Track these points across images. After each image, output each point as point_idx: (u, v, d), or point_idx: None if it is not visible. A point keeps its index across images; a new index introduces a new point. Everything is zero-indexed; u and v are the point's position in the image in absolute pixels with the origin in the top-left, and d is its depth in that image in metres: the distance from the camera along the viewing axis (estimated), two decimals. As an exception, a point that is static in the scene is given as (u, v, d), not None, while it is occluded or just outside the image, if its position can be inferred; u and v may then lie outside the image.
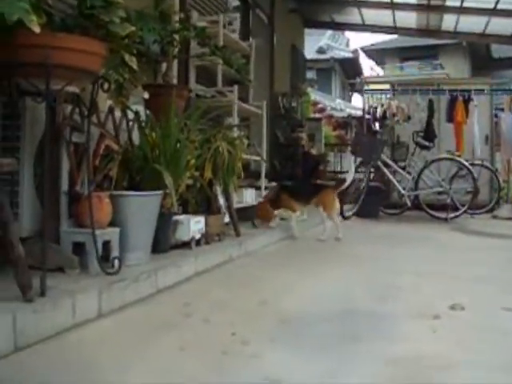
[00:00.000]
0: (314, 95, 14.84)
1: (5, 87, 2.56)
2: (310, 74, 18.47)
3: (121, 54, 2.73)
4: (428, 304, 2.93)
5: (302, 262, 4.38)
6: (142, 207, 3.15)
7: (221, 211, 4.67)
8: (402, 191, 7.86)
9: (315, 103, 14.33)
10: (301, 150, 8.84)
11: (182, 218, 3.84)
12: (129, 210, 3.07)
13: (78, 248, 2.83)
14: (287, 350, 2.17)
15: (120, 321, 2.49)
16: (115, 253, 2.93)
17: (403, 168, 8.20)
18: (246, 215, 5.96)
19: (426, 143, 8.04)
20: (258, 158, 6.17)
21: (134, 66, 2.80)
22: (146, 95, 4.25)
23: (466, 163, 7.67)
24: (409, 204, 7.89)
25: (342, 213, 7.91)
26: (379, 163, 7.94)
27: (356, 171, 8.25)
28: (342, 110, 17.80)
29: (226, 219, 4.86)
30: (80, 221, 2.85)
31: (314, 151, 9.46)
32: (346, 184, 6.08)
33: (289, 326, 2.49)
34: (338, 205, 5.86)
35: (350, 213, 8.06)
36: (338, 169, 12.36)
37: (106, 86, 2.75)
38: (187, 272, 3.44)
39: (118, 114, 3.54)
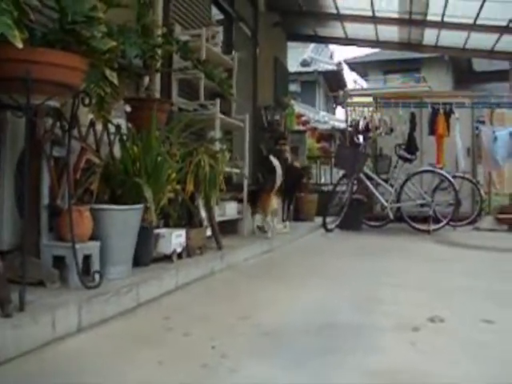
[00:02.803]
0: (298, 107, 14.91)
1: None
2: (294, 87, 18.64)
3: (102, 69, 2.74)
4: (408, 316, 2.96)
5: (282, 275, 4.40)
6: (123, 221, 3.16)
7: (203, 224, 4.68)
8: (385, 203, 7.93)
9: (299, 115, 14.39)
10: (284, 163, 8.86)
11: (163, 231, 3.85)
12: (110, 224, 3.07)
13: (59, 262, 2.83)
14: (265, 363, 2.18)
15: (100, 334, 2.49)
16: (96, 267, 2.93)
17: (386, 180, 8.27)
18: (228, 228, 5.99)
19: (408, 156, 8.12)
20: (240, 171, 6.19)
21: (115, 81, 2.82)
22: (128, 108, 4.28)
23: (448, 175, 7.75)
24: (391, 216, 7.96)
25: (324, 225, 7.97)
26: (361, 176, 8.00)
27: (338, 184, 8.34)
28: (325, 122, 17.88)
29: (208, 232, 4.87)
30: (61, 234, 2.85)
31: (297, 164, 9.49)
32: (277, 185, 6.39)
33: (268, 340, 2.50)
34: (273, 205, 6.27)
35: (333, 225, 8.11)
36: (322, 181, 12.41)
37: (87, 100, 2.76)
38: (168, 285, 3.45)
39: (99, 127, 3.56)
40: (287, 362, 2.20)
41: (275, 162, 6.48)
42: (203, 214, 4.77)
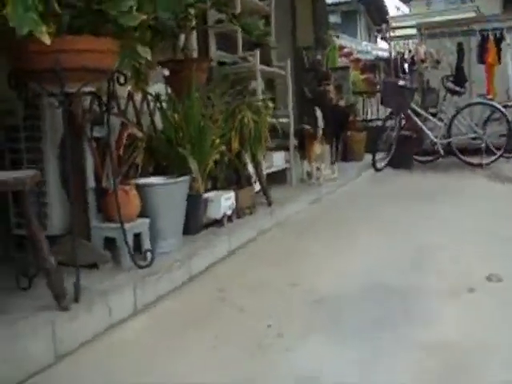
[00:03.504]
0: (340, 39, 14.47)
1: (22, 90, 2.56)
2: (334, 18, 18.03)
3: (134, 46, 2.66)
4: (464, 273, 2.89)
5: (331, 228, 4.34)
6: (171, 195, 3.14)
7: (251, 182, 4.64)
8: (434, 139, 7.70)
9: (341, 47, 13.99)
10: (329, 104, 8.68)
11: (211, 195, 3.82)
12: (157, 199, 3.07)
13: (110, 243, 2.85)
14: (321, 342, 2.17)
15: (155, 316, 2.52)
16: (147, 244, 2.95)
17: (434, 115, 8.02)
18: (276, 178, 5.93)
19: (457, 88, 7.80)
20: (285, 120, 6.09)
21: (149, 57, 2.74)
22: (166, 72, 4.21)
23: (499, 106, 7.43)
24: (441, 152, 7.73)
25: (374, 164, 7.83)
26: (409, 112, 7.76)
27: (386, 121, 8.13)
28: (368, 52, 17.36)
29: (257, 187, 4.83)
30: (109, 215, 2.86)
31: (342, 103, 9.27)
32: (319, 133, 6.17)
33: (322, 311, 2.49)
34: (316, 151, 6.12)
35: (383, 164, 7.96)
36: (369, 117, 12.11)
37: (122, 79, 2.71)
38: (220, 252, 3.46)
39: (138, 97, 3.52)
40: (341, 338, 2.19)
41: (318, 112, 6.33)
42: (251, 169, 4.72)
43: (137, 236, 2.92)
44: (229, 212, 3.93)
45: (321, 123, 6.20)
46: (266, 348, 2.13)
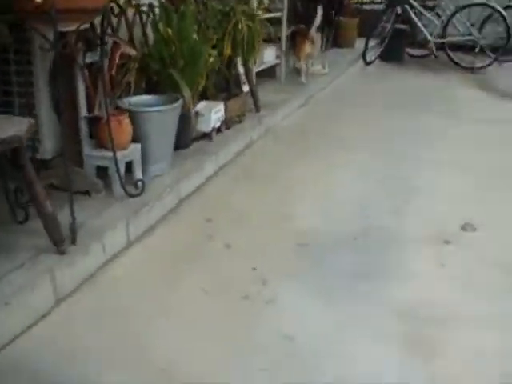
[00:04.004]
0: None
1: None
2: None
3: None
4: (441, 220, 3.03)
5: (319, 142, 4.39)
6: (164, 119, 3.15)
7: (241, 87, 4.60)
8: (429, 37, 7.55)
9: None
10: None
11: (201, 108, 3.81)
12: (150, 125, 3.08)
13: (102, 171, 2.91)
14: (302, 293, 2.33)
15: (146, 250, 2.65)
16: (138, 172, 3.01)
17: (432, 8, 7.80)
18: (265, 73, 5.86)
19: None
20: (278, 14, 5.90)
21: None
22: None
23: (499, 8, 7.21)
24: (434, 52, 7.60)
25: (364, 57, 7.72)
26: (406, 6, 7.52)
27: (384, 13, 7.89)
28: None
29: (246, 88, 4.78)
30: (101, 143, 2.88)
31: (337, -15, 8.90)
32: (314, 27, 6.06)
33: (306, 255, 2.63)
34: (307, 50, 6.00)
35: (373, 57, 7.85)
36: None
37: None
38: (208, 171, 3.55)
39: (130, 12, 3.40)
40: (321, 289, 2.34)
41: (319, 10, 6.12)
42: (241, 70, 4.65)
43: (128, 164, 2.97)
44: (218, 124, 3.96)
45: (318, 22, 6.03)
46: (251, 299, 2.28)
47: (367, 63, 7.76)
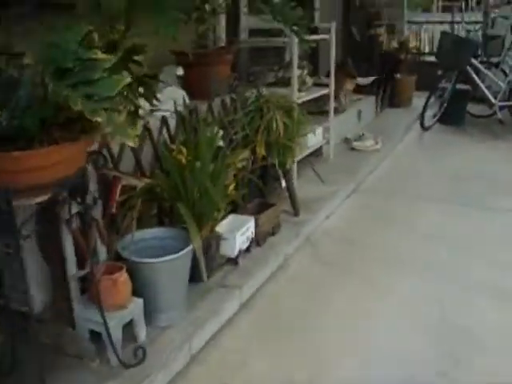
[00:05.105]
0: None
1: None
2: None
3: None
4: None
5: (365, 257, 3.83)
6: (172, 268, 2.70)
7: (278, 193, 4.15)
8: (493, 100, 6.90)
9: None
10: (377, 50, 7.93)
11: (225, 230, 3.35)
12: (155, 276, 2.65)
13: (96, 334, 2.49)
14: None
15: None
16: (141, 332, 2.59)
17: (496, 65, 7.19)
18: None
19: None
20: (325, 92, 5.44)
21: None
22: (180, 71, 3.68)
23: None
24: (499, 116, 6.95)
25: (421, 121, 7.15)
26: (468, 68, 6.91)
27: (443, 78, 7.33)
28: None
29: (284, 183, 4.30)
30: (94, 302, 2.46)
31: (394, 44, 8.41)
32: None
33: None
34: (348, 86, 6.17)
35: (431, 122, 7.27)
36: (425, 49, 10.99)
37: (101, 161, 2.22)
38: (229, 312, 3.06)
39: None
40: None
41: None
42: (283, 184, 4.20)
43: (128, 323, 2.55)
44: (245, 245, 3.48)
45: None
46: None
47: (425, 129, 7.17)
